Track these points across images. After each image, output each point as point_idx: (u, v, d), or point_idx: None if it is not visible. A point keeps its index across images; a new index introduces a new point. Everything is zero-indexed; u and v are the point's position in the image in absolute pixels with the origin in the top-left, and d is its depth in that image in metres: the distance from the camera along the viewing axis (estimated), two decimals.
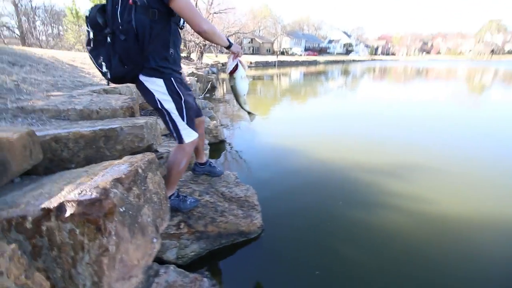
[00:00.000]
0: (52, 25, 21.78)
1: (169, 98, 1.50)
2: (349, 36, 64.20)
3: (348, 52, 59.30)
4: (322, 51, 55.87)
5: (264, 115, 5.83)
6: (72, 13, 15.95)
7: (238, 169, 3.04)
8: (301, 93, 4.52)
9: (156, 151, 2.30)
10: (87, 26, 1.41)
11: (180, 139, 1.61)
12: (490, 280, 1.53)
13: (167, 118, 1.56)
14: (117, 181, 1.04)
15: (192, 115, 1.66)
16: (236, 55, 1.72)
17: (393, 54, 74.81)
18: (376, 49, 72.11)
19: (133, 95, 3.94)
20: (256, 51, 44.60)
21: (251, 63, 28.52)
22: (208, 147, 3.19)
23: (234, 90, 1.84)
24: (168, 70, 1.49)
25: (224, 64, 16.44)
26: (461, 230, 1.95)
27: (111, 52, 1.39)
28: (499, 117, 5.59)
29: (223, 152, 3.60)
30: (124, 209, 1.01)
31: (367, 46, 69.52)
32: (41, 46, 14.12)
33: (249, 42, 43.79)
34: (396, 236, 1.90)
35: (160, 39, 1.43)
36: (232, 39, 1.77)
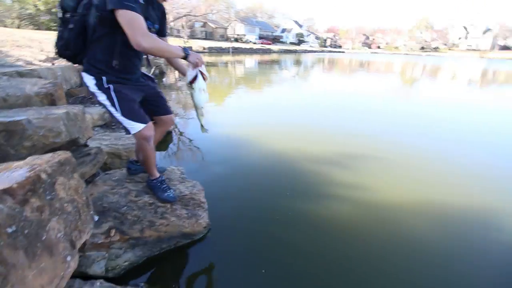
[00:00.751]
0: None
1: (100, 92, 1.50)
2: (300, 26, 65.78)
3: (300, 42, 60.97)
4: (275, 40, 56.30)
5: (219, 104, 5.63)
6: None
7: (186, 162, 2.86)
8: (256, 82, 4.46)
9: (84, 145, 1.99)
10: (58, 5, 1.45)
11: (126, 130, 1.58)
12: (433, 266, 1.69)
13: (107, 110, 1.53)
14: (5, 193, 0.82)
15: (133, 107, 1.57)
16: (195, 65, 1.57)
17: (339, 46, 79.51)
18: (325, 40, 75.62)
19: (57, 79, 3.38)
20: (209, 36, 42.82)
21: (204, 48, 27.32)
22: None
23: (193, 101, 1.72)
24: (103, 73, 1.48)
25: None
26: (402, 218, 2.12)
27: (62, 33, 1.46)
28: (429, 105, 6.35)
29: (171, 144, 3.35)
30: (14, 228, 0.80)
31: (317, 37, 72.39)
32: None
33: (201, 26, 41.82)
34: (343, 226, 1.99)
35: (101, 44, 1.45)
36: (188, 49, 1.56)
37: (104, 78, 1.47)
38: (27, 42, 5.15)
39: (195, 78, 1.59)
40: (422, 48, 78.10)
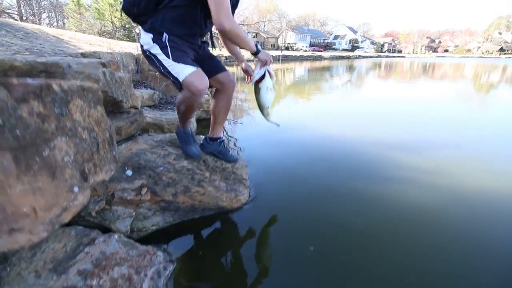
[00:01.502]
0: (57, 17, 21.63)
1: (154, 44, 1.41)
2: (355, 32, 62.86)
3: (353, 48, 58.10)
4: (327, 46, 54.79)
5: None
6: (73, 1, 15.68)
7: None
8: (305, 90, 4.05)
9: (127, 112, 1.90)
10: None
11: (176, 81, 1.43)
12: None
13: (158, 64, 1.44)
14: (0, 84, 0.66)
15: (184, 55, 1.44)
16: (264, 63, 1.49)
17: (399, 51, 73.07)
18: (382, 46, 70.23)
19: (116, 59, 3.58)
20: (261, 46, 43.97)
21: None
22: (195, 124, 2.81)
23: (258, 101, 1.59)
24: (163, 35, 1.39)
25: (227, 58, 15.86)
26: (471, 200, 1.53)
27: None
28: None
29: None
30: (0, 121, 0.62)
31: (373, 43, 67.86)
32: None
33: (253, 37, 43.23)
34: (400, 207, 1.51)
35: (174, 13, 1.37)
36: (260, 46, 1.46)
37: (164, 35, 1.40)
38: (99, 42, 5.75)
39: (262, 77, 1.50)
40: (501, 49, 67.05)
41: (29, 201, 0.68)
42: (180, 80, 1.43)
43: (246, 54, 1.65)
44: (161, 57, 1.43)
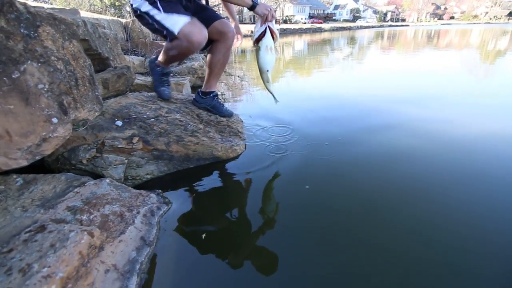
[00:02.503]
0: None
1: (143, 1, 1.37)
2: (356, 1, 60.03)
3: (355, 18, 55.69)
4: (327, 18, 52.51)
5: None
6: None
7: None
8: (305, 65, 3.86)
9: (114, 67, 1.81)
10: None
11: (171, 35, 1.38)
12: None
13: (151, 21, 1.39)
14: None
15: (176, 6, 1.39)
16: (264, 19, 1.37)
17: (403, 20, 70.00)
18: (385, 15, 67.19)
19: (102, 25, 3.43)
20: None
21: (251, 32, 27.00)
22: (189, 89, 2.72)
23: (257, 62, 1.46)
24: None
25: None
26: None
27: None
28: None
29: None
30: None
31: (375, 12, 64.83)
32: None
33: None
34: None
35: None
36: None
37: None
38: (85, 14, 5.52)
39: (262, 35, 1.36)
40: (510, 14, 63.90)
41: (0, 122, 0.63)
42: (176, 33, 1.37)
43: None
44: (153, 12, 1.38)
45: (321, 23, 42.49)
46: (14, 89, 0.68)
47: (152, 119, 1.44)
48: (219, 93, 1.73)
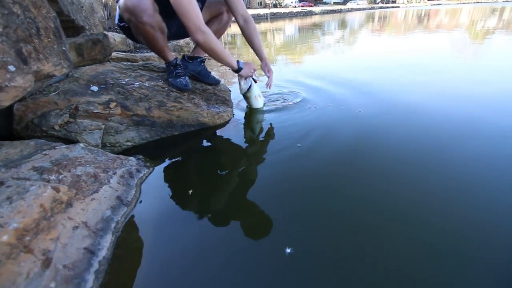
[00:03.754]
0: None
1: None
2: None
3: (345, 1, 54.82)
4: (317, 1, 51.57)
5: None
6: None
7: None
8: (296, 50, 3.70)
9: (89, 32, 1.67)
10: None
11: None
12: None
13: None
14: None
15: None
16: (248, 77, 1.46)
17: (393, 1, 69.27)
18: None
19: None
20: (247, 4, 41.07)
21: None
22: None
23: (250, 105, 1.61)
24: None
25: None
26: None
27: None
28: None
29: None
30: None
31: None
32: None
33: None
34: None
35: None
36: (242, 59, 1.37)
37: None
38: None
39: (249, 88, 1.49)
40: None
41: None
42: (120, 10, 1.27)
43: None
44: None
45: (311, 6, 41.66)
46: None
47: (131, 85, 1.35)
48: (206, 58, 1.63)
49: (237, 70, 1.39)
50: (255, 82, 1.51)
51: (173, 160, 1.11)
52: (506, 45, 3.62)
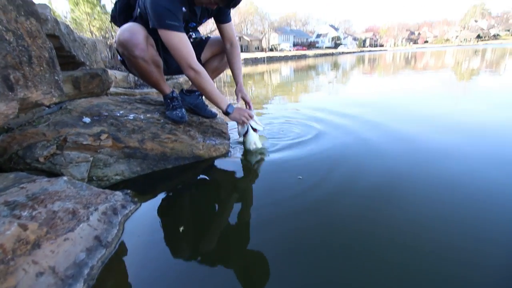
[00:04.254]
0: None
1: None
2: (336, 29, 63.72)
3: (336, 45, 58.75)
4: (311, 45, 55.35)
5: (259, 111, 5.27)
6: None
7: None
8: (291, 89, 3.85)
9: (88, 67, 1.69)
10: None
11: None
12: None
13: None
14: None
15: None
16: (241, 122, 1.39)
17: (381, 45, 74.57)
18: (364, 41, 71.40)
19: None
20: (245, 49, 44.03)
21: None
22: None
23: (247, 149, 1.47)
24: None
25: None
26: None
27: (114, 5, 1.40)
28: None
29: None
30: None
31: (355, 38, 68.80)
32: None
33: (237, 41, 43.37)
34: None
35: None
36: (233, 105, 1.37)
37: None
38: None
39: (246, 133, 1.41)
40: (479, 36, 69.21)
41: None
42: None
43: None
44: None
45: (305, 50, 44.67)
46: None
47: (125, 117, 1.32)
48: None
49: (226, 114, 1.35)
50: (254, 130, 1.42)
51: (164, 195, 1.03)
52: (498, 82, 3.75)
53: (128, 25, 1.22)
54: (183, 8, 1.21)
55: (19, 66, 0.75)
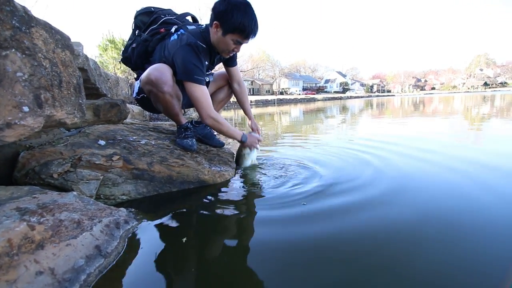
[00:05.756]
0: None
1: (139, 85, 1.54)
2: (344, 76, 66.97)
3: (344, 90, 61.27)
4: (319, 90, 57.80)
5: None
6: None
7: None
8: (302, 130, 3.93)
9: (109, 98, 1.84)
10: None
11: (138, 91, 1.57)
12: None
13: (138, 93, 1.57)
14: None
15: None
16: (252, 148, 1.63)
17: (388, 91, 76.97)
18: (372, 87, 74.20)
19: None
20: (256, 92, 46.39)
21: (251, 102, 29.32)
22: None
23: (240, 162, 1.69)
24: None
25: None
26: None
27: (127, 47, 1.60)
28: None
29: None
30: None
31: (362, 84, 71.86)
32: None
33: (249, 84, 45.93)
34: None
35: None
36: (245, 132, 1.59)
37: None
38: None
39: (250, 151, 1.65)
40: (486, 84, 70.68)
41: None
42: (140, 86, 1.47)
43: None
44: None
45: (314, 94, 46.52)
46: None
47: (137, 142, 1.41)
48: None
49: (242, 142, 1.54)
50: (257, 149, 1.65)
51: (166, 216, 1.04)
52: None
53: (157, 66, 1.37)
54: (206, 62, 1.41)
55: (50, 88, 0.86)
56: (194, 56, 1.31)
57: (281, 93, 45.78)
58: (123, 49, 1.62)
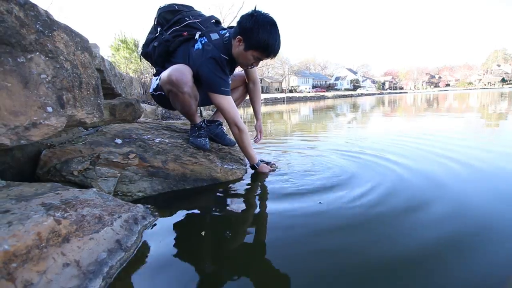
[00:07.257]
0: None
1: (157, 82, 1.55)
2: (355, 73, 65.88)
3: (355, 87, 60.32)
4: (329, 87, 57.21)
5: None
6: None
7: None
8: (311, 127, 3.87)
9: (124, 97, 1.89)
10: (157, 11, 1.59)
11: (156, 88, 1.56)
12: None
13: (157, 90, 1.56)
14: None
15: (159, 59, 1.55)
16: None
17: (401, 88, 75.25)
18: (383, 84, 72.69)
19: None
20: (265, 90, 46.34)
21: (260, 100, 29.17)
22: None
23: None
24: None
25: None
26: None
27: (148, 44, 1.60)
28: None
29: None
30: None
31: (374, 81, 70.43)
32: None
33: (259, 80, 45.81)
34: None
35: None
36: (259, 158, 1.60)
37: None
38: None
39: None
40: (503, 80, 68.03)
41: None
42: (158, 83, 1.47)
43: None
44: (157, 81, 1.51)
45: (324, 91, 46.01)
46: (16, 71, 0.71)
47: (152, 140, 1.44)
48: (225, 128, 1.75)
49: (254, 168, 1.55)
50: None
51: (181, 212, 1.07)
52: None
53: (177, 67, 1.38)
54: (228, 72, 1.45)
55: (71, 89, 0.90)
56: (219, 70, 1.36)
57: (291, 91, 45.53)
58: (142, 44, 1.62)
